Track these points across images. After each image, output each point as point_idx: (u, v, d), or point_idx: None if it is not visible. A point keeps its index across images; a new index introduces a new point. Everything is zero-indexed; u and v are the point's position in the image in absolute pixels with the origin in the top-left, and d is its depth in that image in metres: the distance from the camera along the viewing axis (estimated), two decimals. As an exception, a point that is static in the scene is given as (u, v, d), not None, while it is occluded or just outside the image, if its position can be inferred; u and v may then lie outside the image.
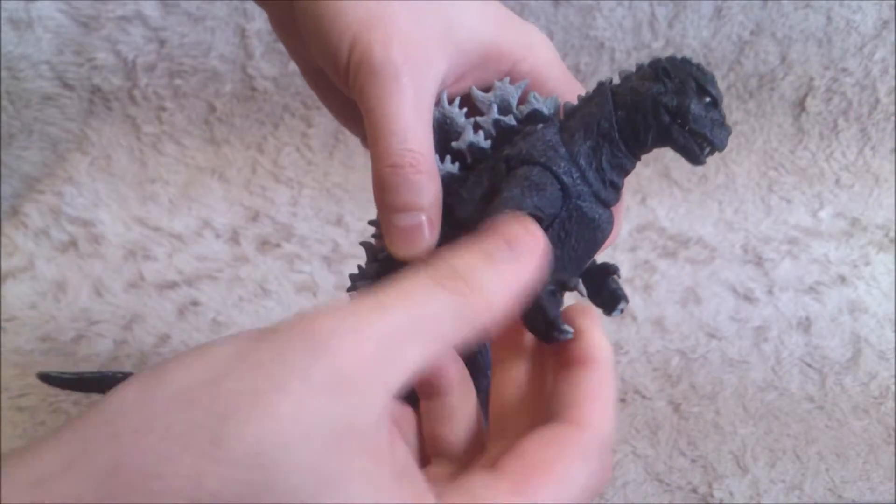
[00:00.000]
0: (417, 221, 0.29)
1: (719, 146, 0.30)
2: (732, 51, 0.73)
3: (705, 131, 0.29)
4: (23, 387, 0.58)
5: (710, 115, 0.29)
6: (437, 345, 0.21)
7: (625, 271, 0.70)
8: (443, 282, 0.21)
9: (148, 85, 0.72)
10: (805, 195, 0.76)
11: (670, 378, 0.62)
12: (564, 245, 0.30)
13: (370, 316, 0.20)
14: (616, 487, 0.54)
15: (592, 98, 0.31)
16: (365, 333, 0.20)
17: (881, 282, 0.71)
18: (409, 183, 0.29)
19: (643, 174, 0.76)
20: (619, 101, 0.30)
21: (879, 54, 0.74)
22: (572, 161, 0.30)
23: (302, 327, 0.20)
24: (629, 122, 0.30)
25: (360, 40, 0.30)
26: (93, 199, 0.73)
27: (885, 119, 0.76)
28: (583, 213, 0.30)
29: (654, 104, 0.29)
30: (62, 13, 0.70)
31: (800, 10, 0.72)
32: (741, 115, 0.76)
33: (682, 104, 0.29)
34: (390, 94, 0.29)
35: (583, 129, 0.30)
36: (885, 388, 0.63)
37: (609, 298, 0.34)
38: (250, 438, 0.18)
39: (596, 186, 0.30)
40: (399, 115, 0.29)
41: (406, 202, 0.29)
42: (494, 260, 0.23)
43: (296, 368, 0.19)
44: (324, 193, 0.74)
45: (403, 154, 0.29)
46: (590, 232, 0.31)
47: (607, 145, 0.30)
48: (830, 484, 0.55)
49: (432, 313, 0.21)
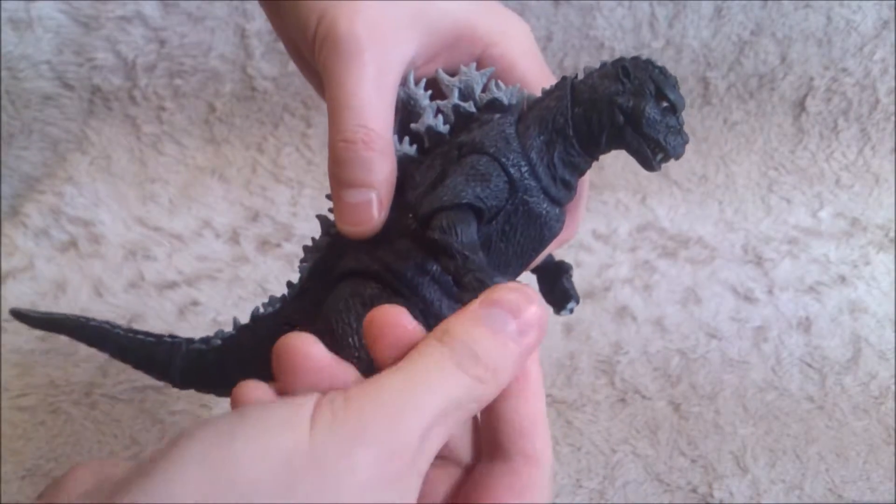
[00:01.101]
0: (366, 199, 0.29)
1: (672, 153, 0.29)
2: (732, 51, 0.73)
3: (658, 137, 0.28)
4: (23, 387, 0.58)
5: (666, 121, 0.29)
6: (456, 425, 0.23)
7: (625, 271, 0.70)
8: (466, 368, 0.22)
9: (148, 85, 0.72)
10: (805, 195, 0.76)
11: (670, 378, 0.62)
12: (509, 239, 0.30)
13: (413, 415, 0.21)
14: (616, 487, 0.54)
15: (553, 92, 0.30)
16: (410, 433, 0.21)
17: (881, 282, 0.71)
18: (360, 159, 0.29)
19: (643, 174, 0.76)
20: (578, 98, 0.29)
21: (879, 54, 0.74)
22: (523, 154, 0.29)
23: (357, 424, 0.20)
24: (585, 120, 0.29)
25: (327, 13, 0.29)
26: (93, 199, 0.73)
27: (885, 119, 0.76)
28: (529, 208, 0.29)
29: (610, 104, 0.29)
30: (62, 13, 0.70)
31: (800, 10, 0.72)
32: (741, 115, 0.76)
33: (637, 107, 0.28)
34: (350, 70, 0.29)
35: (538, 124, 0.30)
36: (885, 388, 0.63)
37: (560, 297, 0.34)
38: None
39: (545, 182, 0.29)
40: (357, 91, 0.29)
41: (356, 178, 0.29)
42: (506, 339, 0.23)
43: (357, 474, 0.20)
44: (324, 193, 0.74)
45: (357, 130, 0.29)
46: (536, 228, 0.30)
47: (561, 142, 0.29)
48: (830, 484, 0.55)
49: (459, 401, 0.22)
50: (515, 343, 0.23)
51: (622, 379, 0.62)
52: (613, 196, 0.75)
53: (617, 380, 0.62)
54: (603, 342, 0.65)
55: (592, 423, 0.58)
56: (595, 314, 0.67)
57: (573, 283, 0.35)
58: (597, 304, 0.68)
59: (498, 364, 0.23)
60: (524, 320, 0.24)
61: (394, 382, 0.22)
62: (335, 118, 0.29)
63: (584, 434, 0.58)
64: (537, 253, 0.31)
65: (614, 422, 0.59)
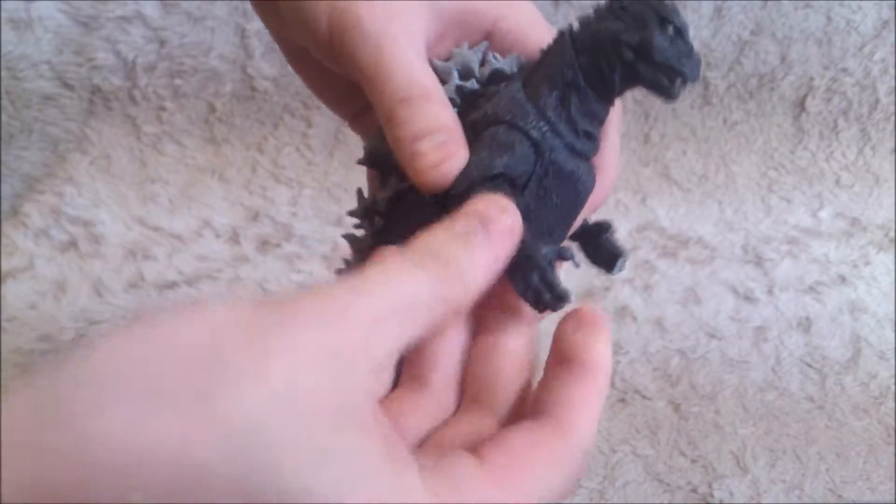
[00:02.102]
0: (442, 140, 0.27)
1: (690, 76, 0.27)
2: (732, 51, 0.73)
3: (672, 62, 0.27)
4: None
5: (676, 46, 0.27)
6: (417, 324, 0.22)
7: (625, 271, 0.70)
8: (421, 263, 0.22)
9: (148, 85, 0.72)
10: (805, 195, 0.76)
11: (670, 378, 0.63)
12: (546, 204, 0.29)
13: (354, 300, 0.20)
14: (616, 487, 0.54)
15: (553, 49, 0.29)
16: (349, 315, 0.20)
17: (881, 282, 0.71)
18: (423, 110, 0.28)
19: (643, 174, 0.76)
20: (581, 47, 0.28)
21: (879, 54, 0.74)
22: (540, 115, 0.28)
23: (297, 304, 0.20)
24: (593, 67, 0.28)
25: (336, 8, 0.29)
26: (93, 199, 0.73)
27: (885, 119, 0.76)
28: (559, 167, 0.28)
29: (615, 43, 0.28)
30: (62, 13, 0.70)
31: (800, 10, 0.72)
32: (741, 115, 0.76)
33: (645, 38, 0.27)
34: (383, 44, 0.28)
35: (547, 82, 0.29)
36: (885, 388, 0.63)
37: (608, 257, 0.33)
38: (246, 410, 0.18)
39: (569, 138, 0.29)
40: (399, 56, 0.28)
41: (426, 126, 0.28)
42: (470, 242, 0.23)
43: (290, 340, 0.19)
44: (324, 193, 0.74)
45: (411, 87, 0.28)
46: (570, 186, 0.29)
47: (575, 94, 0.28)
48: (830, 484, 0.55)
49: (411, 294, 0.21)
50: (482, 248, 0.23)
51: (622, 379, 0.62)
52: (613, 196, 0.76)
53: (617, 380, 0.62)
54: (603, 342, 0.65)
55: (592, 423, 0.58)
56: (595, 314, 0.67)
57: (617, 240, 0.33)
58: (597, 304, 0.68)
59: (462, 264, 0.22)
60: (495, 228, 0.24)
61: (343, 279, 0.21)
62: (383, 89, 0.28)
63: (584, 434, 0.58)
64: (577, 213, 0.30)
65: (614, 422, 0.59)
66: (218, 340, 0.19)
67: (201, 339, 0.19)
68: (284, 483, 0.18)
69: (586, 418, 0.24)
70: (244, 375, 0.18)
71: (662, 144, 0.76)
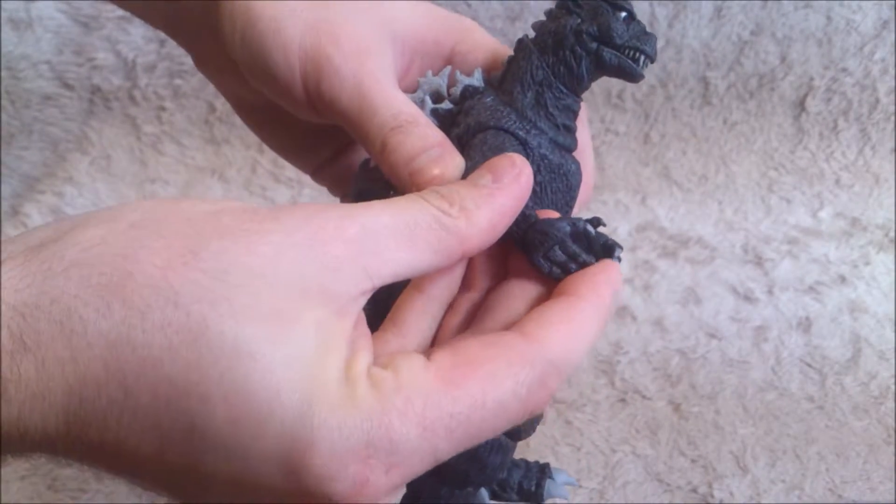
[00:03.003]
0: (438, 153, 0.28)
1: (651, 54, 0.30)
2: (732, 51, 0.73)
3: (633, 42, 0.29)
4: (23, 387, 0.58)
5: (632, 27, 0.30)
6: (417, 248, 0.22)
7: (625, 271, 0.70)
8: (428, 197, 0.23)
9: (148, 85, 0.72)
10: (805, 195, 0.76)
11: (670, 378, 0.63)
12: (543, 199, 0.30)
13: (355, 209, 0.22)
14: (616, 487, 0.54)
15: (517, 56, 0.31)
16: (349, 219, 0.21)
17: (881, 282, 0.71)
18: (413, 134, 0.29)
19: (643, 174, 0.76)
20: (544, 48, 0.30)
21: (879, 54, 0.74)
22: (521, 116, 0.30)
23: (294, 207, 0.22)
24: (560, 62, 0.30)
25: (310, 49, 0.29)
26: (93, 199, 0.73)
27: (885, 119, 0.76)
28: (548, 161, 0.30)
29: (577, 35, 0.30)
30: (62, 13, 0.70)
31: (800, 10, 0.72)
32: (741, 114, 0.76)
33: (603, 25, 0.29)
34: (361, 84, 0.29)
35: (519, 85, 0.30)
36: (885, 388, 0.63)
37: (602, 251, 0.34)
38: (223, 260, 0.20)
39: (551, 133, 0.30)
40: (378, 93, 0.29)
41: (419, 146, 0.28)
42: (478, 186, 0.24)
43: (283, 225, 0.21)
44: (323, 193, 0.74)
45: (397, 116, 0.29)
46: (561, 179, 0.30)
47: (548, 91, 0.30)
48: (830, 484, 0.55)
49: (415, 218, 0.22)
50: (490, 192, 0.24)
51: (622, 379, 0.62)
52: (613, 196, 0.76)
53: (617, 380, 0.62)
54: (602, 342, 0.65)
55: (592, 423, 0.58)
56: (595, 314, 0.67)
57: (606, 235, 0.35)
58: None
59: (466, 203, 0.23)
60: (502, 175, 0.25)
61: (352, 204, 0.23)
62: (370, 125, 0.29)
63: (584, 434, 0.58)
64: (572, 205, 0.32)
65: (614, 422, 0.59)
66: (219, 213, 0.21)
67: (207, 210, 0.21)
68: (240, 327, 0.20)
69: (560, 334, 0.23)
70: (230, 236, 0.21)
71: (662, 144, 0.76)
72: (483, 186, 0.24)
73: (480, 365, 0.22)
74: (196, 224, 0.21)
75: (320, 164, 0.38)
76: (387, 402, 0.20)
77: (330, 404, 0.20)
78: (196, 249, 0.20)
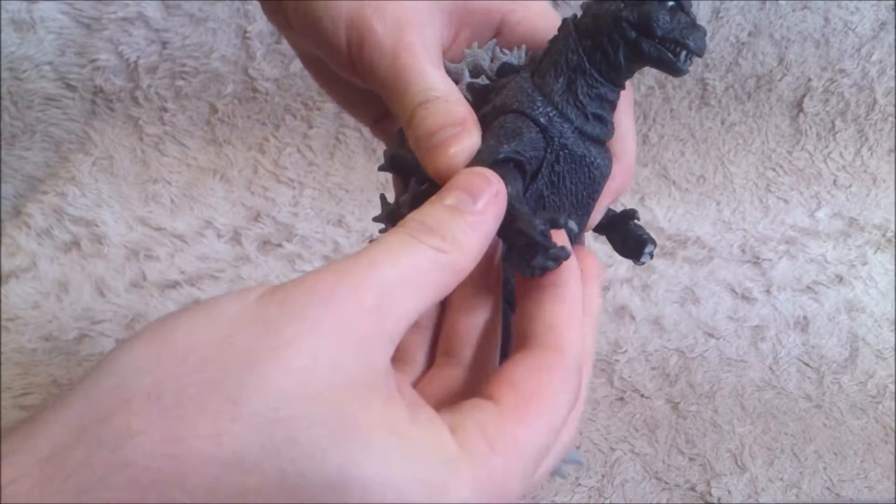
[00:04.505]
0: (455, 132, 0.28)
1: (695, 49, 0.27)
2: (730, 52, 0.74)
3: (675, 35, 0.27)
4: (25, 386, 0.59)
5: (678, 19, 0.27)
6: (426, 294, 0.23)
7: (623, 271, 0.71)
8: (422, 238, 0.23)
9: (150, 86, 0.73)
10: (803, 195, 0.77)
11: (668, 377, 0.63)
12: (560, 189, 0.29)
13: (365, 273, 0.21)
14: (615, 486, 0.54)
15: (558, 37, 0.30)
16: (363, 289, 0.21)
17: (879, 281, 0.72)
18: (439, 110, 0.29)
19: (641, 174, 0.76)
20: (583, 31, 0.29)
21: (877, 55, 0.74)
22: (548, 101, 0.29)
23: (303, 287, 0.21)
24: (597, 49, 0.28)
25: (355, 18, 0.30)
26: (95, 200, 0.73)
27: (883, 120, 0.76)
28: (569, 150, 0.29)
29: (616, 22, 0.28)
30: (64, 14, 0.70)
31: (797, 11, 0.73)
32: (739, 115, 0.76)
33: (644, 14, 0.27)
34: (397, 57, 0.29)
35: (553, 68, 0.29)
36: (882, 388, 0.63)
37: (634, 245, 0.33)
38: (268, 395, 0.18)
39: (578, 122, 0.29)
40: (413, 68, 0.29)
41: (441, 122, 0.29)
42: (462, 212, 0.24)
43: (304, 324, 0.20)
44: (324, 194, 0.75)
45: (428, 93, 0.29)
46: (583, 170, 0.29)
47: (581, 77, 0.29)
48: (828, 482, 0.56)
49: (418, 267, 0.22)
50: (474, 216, 0.24)
51: (621, 378, 0.62)
52: (612, 196, 0.76)
53: (615, 379, 0.62)
54: (601, 341, 0.65)
55: (591, 421, 0.59)
56: (594, 314, 0.67)
57: (643, 228, 0.34)
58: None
59: (457, 235, 0.24)
60: (482, 196, 0.25)
61: (348, 259, 0.22)
62: (402, 98, 0.29)
63: (583, 432, 0.58)
64: (594, 197, 0.31)
65: (613, 420, 0.59)
66: (230, 337, 0.19)
67: (215, 338, 0.19)
68: (322, 457, 0.18)
69: (572, 336, 0.25)
70: (260, 365, 0.19)
71: (661, 145, 0.76)
72: (468, 213, 0.24)
73: (543, 396, 0.23)
74: (216, 363, 0.19)
75: (377, 118, 0.38)
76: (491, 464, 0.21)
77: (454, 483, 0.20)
78: (234, 397, 0.18)
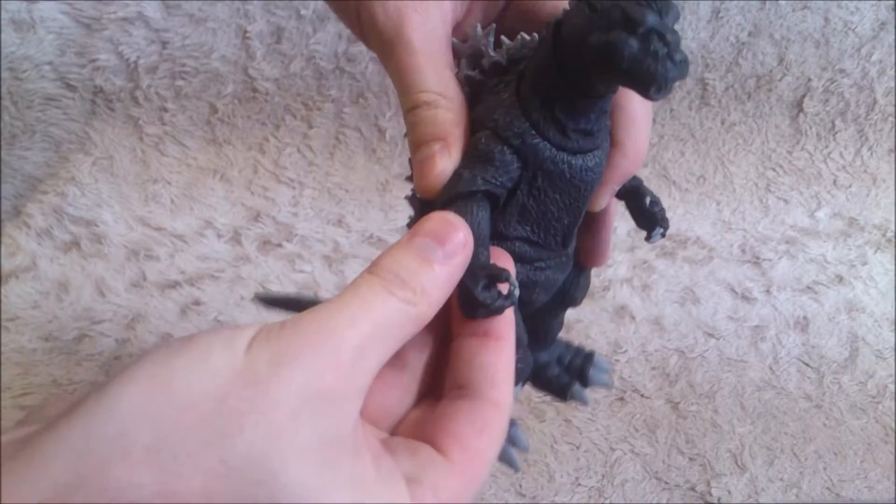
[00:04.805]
0: (431, 152, 0.29)
1: (662, 80, 0.24)
2: (730, 52, 0.74)
3: (644, 69, 0.24)
4: (25, 385, 0.59)
5: (650, 47, 0.24)
6: (392, 343, 0.24)
7: (623, 271, 0.71)
8: (394, 291, 0.24)
9: (150, 86, 0.73)
10: (802, 195, 0.77)
11: (668, 377, 0.63)
12: (544, 200, 0.29)
13: (344, 334, 0.23)
14: (615, 486, 0.55)
15: (544, 41, 0.28)
16: (342, 351, 0.23)
17: (878, 281, 0.72)
18: (424, 119, 0.30)
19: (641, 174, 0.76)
20: (564, 44, 0.27)
21: (877, 55, 0.74)
22: (525, 117, 0.28)
23: (290, 348, 0.22)
24: (574, 67, 0.26)
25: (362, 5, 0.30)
26: (95, 200, 0.73)
27: (883, 120, 0.76)
28: (545, 168, 0.28)
29: (583, 47, 0.25)
30: (64, 14, 0.70)
31: (797, 11, 0.73)
32: (739, 115, 0.76)
33: (609, 43, 0.24)
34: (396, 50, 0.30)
35: (532, 83, 0.28)
36: (882, 388, 0.63)
37: (648, 223, 0.34)
38: (255, 457, 0.21)
39: (556, 139, 0.28)
40: (410, 64, 0.30)
41: (424, 135, 0.30)
42: (430, 262, 0.26)
43: (291, 387, 0.22)
44: (324, 194, 0.75)
45: (419, 97, 0.30)
46: (564, 184, 0.29)
47: (558, 96, 0.27)
48: (828, 482, 0.56)
49: (389, 321, 0.24)
50: (441, 265, 0.26)
51: (621, 378, 0.62)
52: (612, 196, 0.76)
53: (616, 379, 0.62)
54: (602, 341, 0.65)
55: (591, 421, 0.59)
56: (594, 313, 0.67)
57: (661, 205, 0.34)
58: (595, 303, 0.68)
59: (426, 286, 0.25)
60: (449, 245, 0.26)
61: (326, 309, 0.24)
62: (402, 99, 0.31)
63: (583, 433, 0.58)
64: (584, 200, 0.30)
65: (613, 420, 0.59)
66: (226, 397, 0.21)
67: (211, 395, 0.21)
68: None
69: (509, 390, 0.27)
70: (250, 423, 0.21)
71: (661, 145, 0.76)
72: (436, 261, 0.26)
73: (487, 454, 0.26)
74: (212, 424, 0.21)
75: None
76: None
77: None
78: (225, 458, 0.21)
